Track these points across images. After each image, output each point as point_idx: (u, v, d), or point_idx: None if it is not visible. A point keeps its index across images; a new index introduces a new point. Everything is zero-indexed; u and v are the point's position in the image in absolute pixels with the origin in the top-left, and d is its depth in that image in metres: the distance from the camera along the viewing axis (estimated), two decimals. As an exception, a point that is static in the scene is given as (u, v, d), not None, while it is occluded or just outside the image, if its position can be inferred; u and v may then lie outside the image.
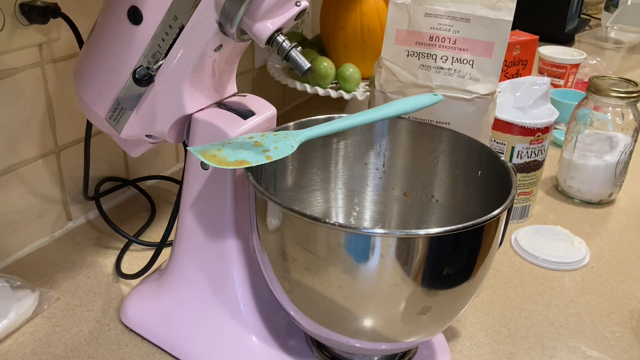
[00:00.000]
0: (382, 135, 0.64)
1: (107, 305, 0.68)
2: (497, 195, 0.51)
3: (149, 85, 0.54)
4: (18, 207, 0.73)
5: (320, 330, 0.52)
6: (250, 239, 0.59)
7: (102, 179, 0.84)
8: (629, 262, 0.81)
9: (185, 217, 0.60)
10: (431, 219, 0.64)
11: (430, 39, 0.68)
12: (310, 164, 0.64)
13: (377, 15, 1.00)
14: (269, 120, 0.59)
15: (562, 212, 0.92)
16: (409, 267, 0.46)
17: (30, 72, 0.70)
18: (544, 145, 0.84)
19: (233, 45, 0.55)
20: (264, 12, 0.49)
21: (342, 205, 0.67)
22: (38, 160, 0.74)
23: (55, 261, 0.75)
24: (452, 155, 0.62)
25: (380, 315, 0.49)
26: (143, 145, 0.65)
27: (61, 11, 0.68)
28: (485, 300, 0.72)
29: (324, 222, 0.45)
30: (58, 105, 0.75)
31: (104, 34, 0.56)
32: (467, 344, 0.65)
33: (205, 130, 0.56)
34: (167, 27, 0.52)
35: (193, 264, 0.61)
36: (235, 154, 0.49)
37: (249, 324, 0.59)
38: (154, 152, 0.93)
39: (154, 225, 0.84)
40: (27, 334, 0.63)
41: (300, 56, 0.52)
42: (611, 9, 1.71)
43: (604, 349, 0.65)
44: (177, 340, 0.61)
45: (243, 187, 0.58)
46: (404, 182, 0.65)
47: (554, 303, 0.72)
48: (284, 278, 0.51)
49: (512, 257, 0.80)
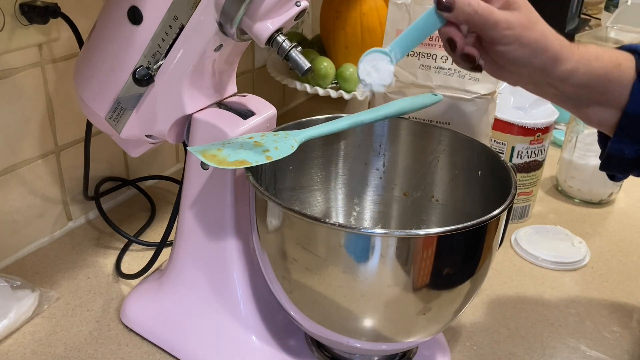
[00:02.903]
0: (382, 135, 0.64)
1: (107, 305, 0.68)
2: (497, 195, 0.51)
3: (149, 85, 0.54)
4: (18, 207, 0.73)
5: (320, 330, 0.52)
6: (250, 239, 0.59)
7: (102, 179, 0.84)
8: (629, 262, 0.81)
9: (185, 217, 0.60)
10: (431, 219, 0.64)
11: (430, 39, 0.68)
12: (310, 164, 0.64)
13: (377, 15, 1.00)
14: (269, 120, 0.59)
15: (562, 212, 0.92)
16: (409, 267, 0.46)
17: (30, 72, 0.70)
18: (544, 145, 0.84)
19: (233, 45, 0.55)
20: (264, 12, 0.49)
21: (342, 205, 0.67)
22: (38, 160, 0.74)
23: (55, 261, 0.75)
24: (452, 155, 0.62)
25: (380, 315, 0.49)
26: (143, 145, 0.65)
27: (61, 11, 0.68)
28: (485, 300, 0.72)
29: (324, 222, 0.45)
30: (58, 105, 0.75)
31: (104, 34, 0.56)
32: (467, 344, 0.65)
33: (205, 130, 0.56)
34: (167, 27, 0.52)
35: (193, 264, 0.61)
36: (235, 154, 0.49)
37: (249, 324, 0.59)
38: (154, 152, 0.93)
39: (154, 225, 0.84)
40: (27, 334, 0.63)
41: (300, 56, 0.52)
42: (611, 9, 1.71)
43: (604, 349, 0.65)
44: (177, 340, 0.61)
45: (243, 187, 0.58)
46: (404, 182, 0.65)
47: (554, 303, 0.72)
48: (284, 278, 0.51)
49: (512, 257, 0.80)
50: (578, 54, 0.52)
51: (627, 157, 0.54)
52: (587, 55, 0.52)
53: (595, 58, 0.52)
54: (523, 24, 0.50)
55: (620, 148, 0.54)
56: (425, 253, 0.45)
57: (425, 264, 0.46)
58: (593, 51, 0.53)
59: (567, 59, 0.52)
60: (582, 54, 0.52)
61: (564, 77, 0.52)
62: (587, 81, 0.52)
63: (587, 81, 0.52)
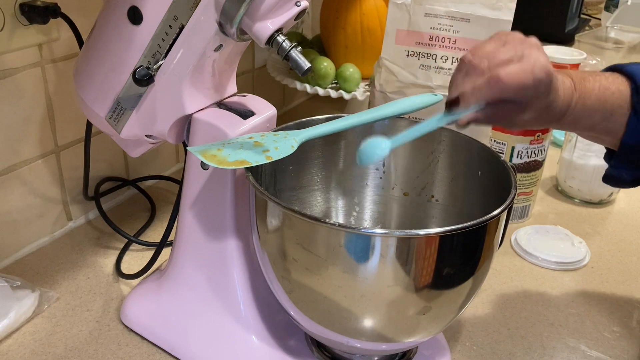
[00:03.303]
0: (382, 135, 0.64)
1: (107, 305, 0.68)
2: (497, 195, 0.51)
3: (149, 85, 0.54)
4: (18, 207, 0.73)
5: (320, 330, 0.52)
6: (250, 239, 0.59)
7: (102, 179, 0.84)
8: (629, 262, 0.81)
9: (185, 217, 0.60)
10: (431, 219, 0.64)
11: (430, 39, 0.68)
12: (310, 164, 0.64)
13: (377, 15, 1.00)
14: (269, 120, 0.59)
15: (562, 212, 0.92)
16: (409, 267, 0.46)
17: (30, 72, 0.70)
18: (544, 145, 0.84)
19: (233, 45, 0.55)
20: (264, 12, 0.49)
21: (342, 205, 0.67)
22: (38, 160, 0.74)
23: (55, 261, 0.75)
24: (452, 155, 0.62)
25: (380, 315, 0.49)
26: (143, 145, 0.65)
27: (61, 11, 0.68)
28: (485, 300, 0.72)
29: (324, 222, 0.45)
30: (58, 105, 0.75)
31: (104, 34, 0.56)
32: (467, 344, 0.65)
33: (205, 130, 0.56)
34: (167, 27, 0.52)
35: (193, 264, 0.61)
36: (235, 154, 0.49)
37: (249, 324, 0.59)
38: (154, 152, 0.93)
39: (154, 225, 0.84)
40: (27, 334, 0.63)
41: (300, 56, 0.52)
42: (611, 9, 1.71)
43: (604, 349, 0.65)
44: (177, 340, 0.61)
45: (243, 187, 0.58)
46: (404, 182, 0.65)
47: (554, 303, 0.72)
48: (284, 278, 0.51)
49: (512, 257, 0.80)
50: (575, 95, 0.54)
51: (625, 179, 0.58)
52: (583, 92, 0.54)
53: (590, 94, 0.54)
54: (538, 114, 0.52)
55: (619, 173, 0.57)
56: (426, 253, 0.45)
57: (426, 264, 0.46)
58: (589, 88, 0.54)
59: (565, 108, 0.53)
60: (579, 94, 0.54)
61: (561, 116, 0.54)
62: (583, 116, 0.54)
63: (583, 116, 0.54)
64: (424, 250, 0.45)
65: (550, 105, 0.52)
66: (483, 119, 0.51)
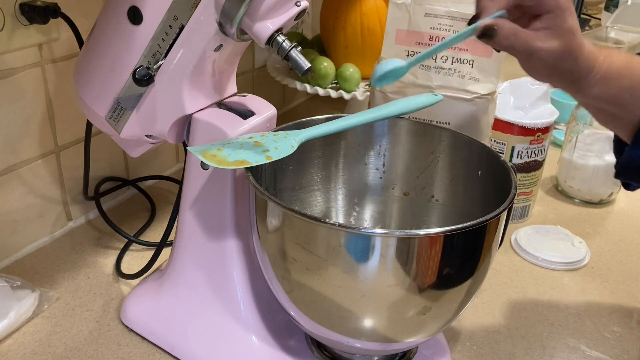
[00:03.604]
0: (382, 135, 0.64)
1: (107, 305, 0.68)
2: (497, 195, 0.51)
3: (149, 85, 0.54)
4: (18, 207, 0.73)
5: (320, 330, 0.52)
6: (250, 239, 0.59)
7: (102, 179, 0.84)
8: (629, 262, 0.81)
9: (185, 217, 0.60)
10: (431, 219, 0.64)
11: (430, 39, 0.68)
12: (310, 164, 0.64)
13: (377, 15, 1.00)
14: (269, 120, 0.59)
15: (562, 212, 0.92)
16: (409, 267, 0.46)
17: (30, 72, 0.70)
18: (544, 145, 0.84)
19: (233, 45, 0.55)
20: (264, 12, 0.49)
21: (342, 205, 0.67)
22: (38, 160, 0.74)
23: (55, 261, 0.75)
24: (452, 155, 0.62)
25: (380, 315, 0.49)
26: (143, 145, 0.65)
27: (61, 11, 0.68)
28: (485, 300, 0.72)
29: (324, 222, 0.45)
30: (58, 105, 0.75)
31: (104, 34, 0.56)
32: (467, 344, 0.65)
33: (205, 130, 0.56)
34: (167, 27, 0.52)
35: (193, 264, 0.61)
36: (235, 154, 0.49)
37: (249, 324, 0.59)
38: (154, 152, 0.93)
39: (154, 225, 0.84)
40: (27, 334, 0.63)
41: (300, 56, 0.52)
42: (611, 9, 1.71)
43: (604, 349, 0.65)
44: (177, 340, 0.61)
45: (243, 187, 0.58)
46: (404, 182, 0.65)
47: (554, 303, 0.72)
48: (284, 278, 0.51)
49: (512, 257, 0.80)
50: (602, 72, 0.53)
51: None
52: (610, 72, 0.53)
53: (618, 76, 0.53)
54: (559, 55, 0.51)
55: (637, 153, 0.55)
56: (426, 253, 0.45)
57: (426, 264, 0.46)
58: (616, 67, 0.53)
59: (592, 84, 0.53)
60: (605, 71, 0.53)
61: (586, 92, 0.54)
62: (611, 78, 0.53)
63: (611, 78, 0.53)
64: (424, 250, 0.45)
65: (574, 43, 0.50)
66: (502, 34, 0.50)
